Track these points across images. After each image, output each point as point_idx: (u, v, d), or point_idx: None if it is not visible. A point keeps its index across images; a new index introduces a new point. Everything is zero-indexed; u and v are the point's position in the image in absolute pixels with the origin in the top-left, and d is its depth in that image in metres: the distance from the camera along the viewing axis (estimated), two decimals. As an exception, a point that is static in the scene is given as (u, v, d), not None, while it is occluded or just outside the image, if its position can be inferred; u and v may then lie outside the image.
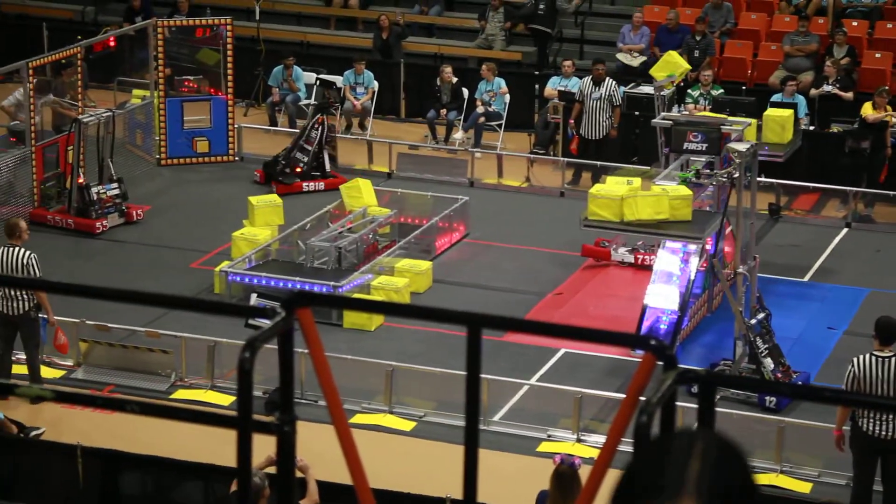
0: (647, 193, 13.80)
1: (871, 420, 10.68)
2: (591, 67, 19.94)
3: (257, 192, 17.73)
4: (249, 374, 2.28)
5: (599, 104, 19.38)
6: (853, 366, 10.86)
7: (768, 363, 13.08)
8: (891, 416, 10.55)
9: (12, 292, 12.79)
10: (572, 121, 19.61)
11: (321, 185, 18.60)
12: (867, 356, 10.83)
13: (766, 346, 13.22)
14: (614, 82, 19.62)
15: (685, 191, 13.96)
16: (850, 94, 20.20)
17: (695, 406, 3.76)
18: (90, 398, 2.71)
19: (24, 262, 12.94)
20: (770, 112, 16.41)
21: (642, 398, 3.67)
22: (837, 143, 19.11)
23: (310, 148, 18.71)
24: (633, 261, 16.42)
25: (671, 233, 13.83)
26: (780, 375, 12.97)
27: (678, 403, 3.80)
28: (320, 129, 18.76)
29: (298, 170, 18.65)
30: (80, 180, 17.13)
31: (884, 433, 10.67)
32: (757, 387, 5.78)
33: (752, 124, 15.53)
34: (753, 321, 13.24)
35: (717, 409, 4.04)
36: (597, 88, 19.41)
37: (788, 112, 16.66)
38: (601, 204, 13.83)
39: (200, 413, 2.37)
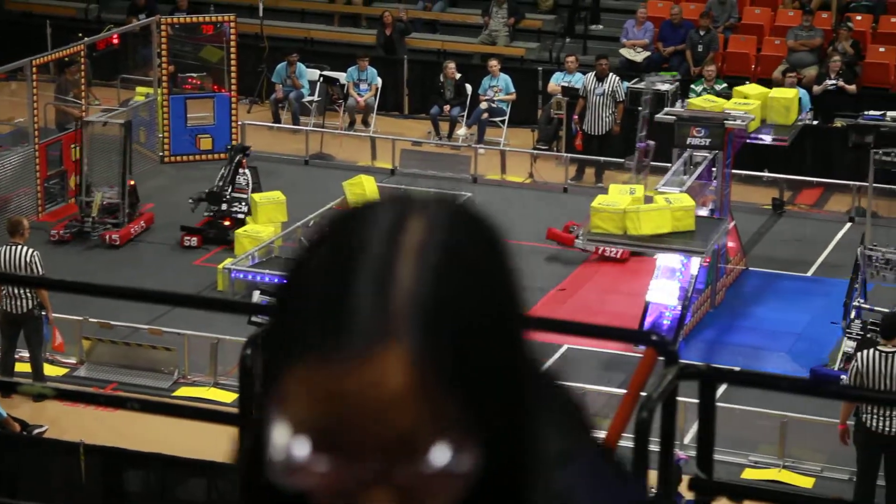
0: (649, 207, 13.77)
1: (875, 416, 10.67)
2: (594, 63, 19.93)
3: (259, 191, 17.71)
4: (251, 372, 2.28)
5: (603, 100, 19.37)
6: (857, 361, 10.85)
7: (847, 345, 13.04)
8: (894, 411, 10.53)
9: (16, 291, 12.81)
10: (576, 116, 19.60)
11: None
12: (871, 351, 10.82)
13: (861, 333, 13.21)
14: (617, 78, 19.61)
15: (688, 201, 13.93)
16: (853, 87, 20.19)
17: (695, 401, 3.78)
18: (92, 396, 2.72)
19: (28, 259, 12.96)
20: (774, 93, 16.40)
21: (643, 394, 3.68)
22: (841, 138, 19.09)
23: (244, 196, 17.16)
24: (594, 251, 16.36)
25: (675, 247, 13.82)
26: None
27: (679, 399, 3.82)
28: (249, 172, 17.39)
29: (228, 223, 16.84)
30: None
31: (887, 429, 10.66)
32: (758, 382, 5.77)
33: (757, 108, 15.49)
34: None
35: (718, 403, 4.06)
36: (600, 84, 19.40)
37: (793, 92, 16.65)
38: (604, 217, 13.82)
39: (201, 410, 2.38)
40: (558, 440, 1.28)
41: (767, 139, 15.96)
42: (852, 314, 13.59)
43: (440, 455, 1.16)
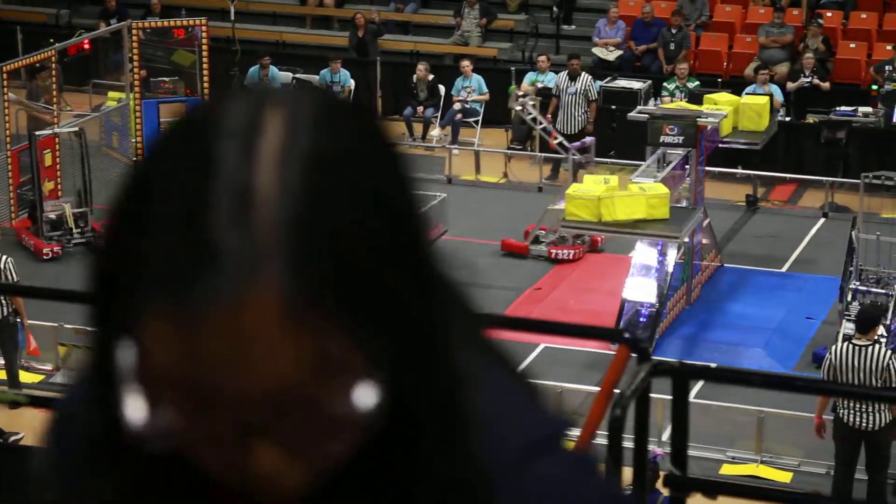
0: (623, 194, 13.85)
1: (850, 410, 10.69)
2: (566, 62, 19.97)
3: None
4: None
5: (575, 99, 19.40)
6: (830, 354, 10.88)
7: (846, 327, 13.08)
8: (869, 406, 10.56)
9: (-10, 297, 12.73)
10: (549, 116, 19.63)
11: None
12: (845, 345, 10.85)
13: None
14: (590, 77, 19.65)
15: (663, 189, 14.00)
16: (826, 84, 20.28)
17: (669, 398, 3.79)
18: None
19: (1, 266, 12.89)
20: (746, 99, 16.52)
21: (616, 391, 3.70)
22: (813, 134, 19.18)
23: None
24: (547, 255, 16.39)
25: (649, 232, 13.89)
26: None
27: (653, 395, 3.83)
28: None
29: None
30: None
31: (862, 423, 10.68)
32: (730, 378, 5.78)
33: (729, 115, 15.60)
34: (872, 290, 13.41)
35: (696, 399, 4.07)
36: (572, 83, 19.44)
37: (764, 99, 16.77)
38: (579, 204, 13.88)
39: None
40: (468, 358, 1.10)
41: (739, 145, 16.16)
42: (849, 297, 13.65)
43: (333, 396, 0.99)
